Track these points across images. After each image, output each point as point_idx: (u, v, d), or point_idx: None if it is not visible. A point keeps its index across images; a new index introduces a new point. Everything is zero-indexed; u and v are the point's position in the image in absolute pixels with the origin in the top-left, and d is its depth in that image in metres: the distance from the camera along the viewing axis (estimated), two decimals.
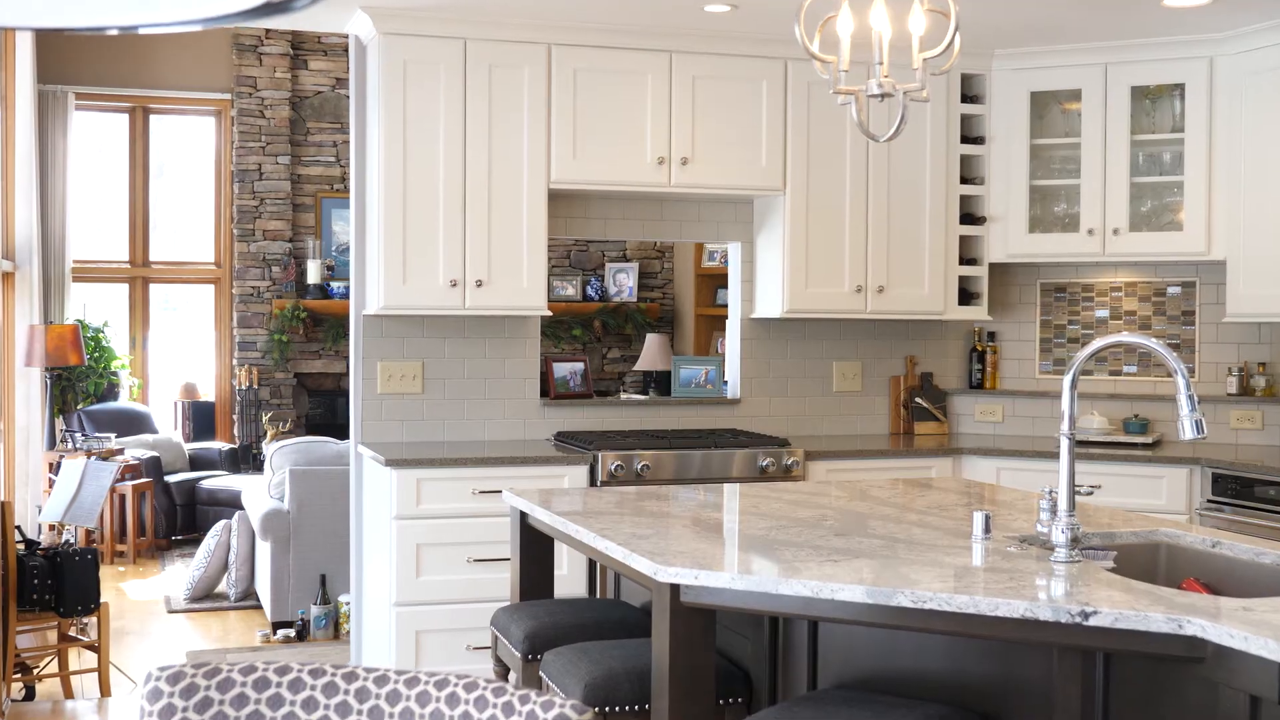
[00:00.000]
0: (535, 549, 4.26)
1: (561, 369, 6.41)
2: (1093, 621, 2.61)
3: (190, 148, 12.06)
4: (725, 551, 3.30)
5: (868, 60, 3.87)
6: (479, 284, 5.78)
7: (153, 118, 11.89)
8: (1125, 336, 3.28)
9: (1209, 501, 5.71)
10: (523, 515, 4.22)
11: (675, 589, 3.07)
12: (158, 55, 11.61)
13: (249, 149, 11.63)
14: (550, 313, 6.02)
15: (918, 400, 6.76)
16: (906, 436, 6.65)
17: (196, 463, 11.15)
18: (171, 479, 10.57)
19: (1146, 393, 6.57)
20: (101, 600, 6.06)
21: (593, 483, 5.60)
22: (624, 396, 6.45)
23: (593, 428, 6.35)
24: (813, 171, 6.25)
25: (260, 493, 8.16)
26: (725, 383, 6.78)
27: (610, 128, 5.95)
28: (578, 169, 5.92)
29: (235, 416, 11.62)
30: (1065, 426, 3.29)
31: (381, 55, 5.68)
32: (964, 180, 6.55)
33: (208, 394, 11.98)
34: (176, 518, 10.52)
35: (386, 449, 5.74)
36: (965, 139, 6.54)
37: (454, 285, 5.76)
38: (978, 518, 3.46)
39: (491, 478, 5.48)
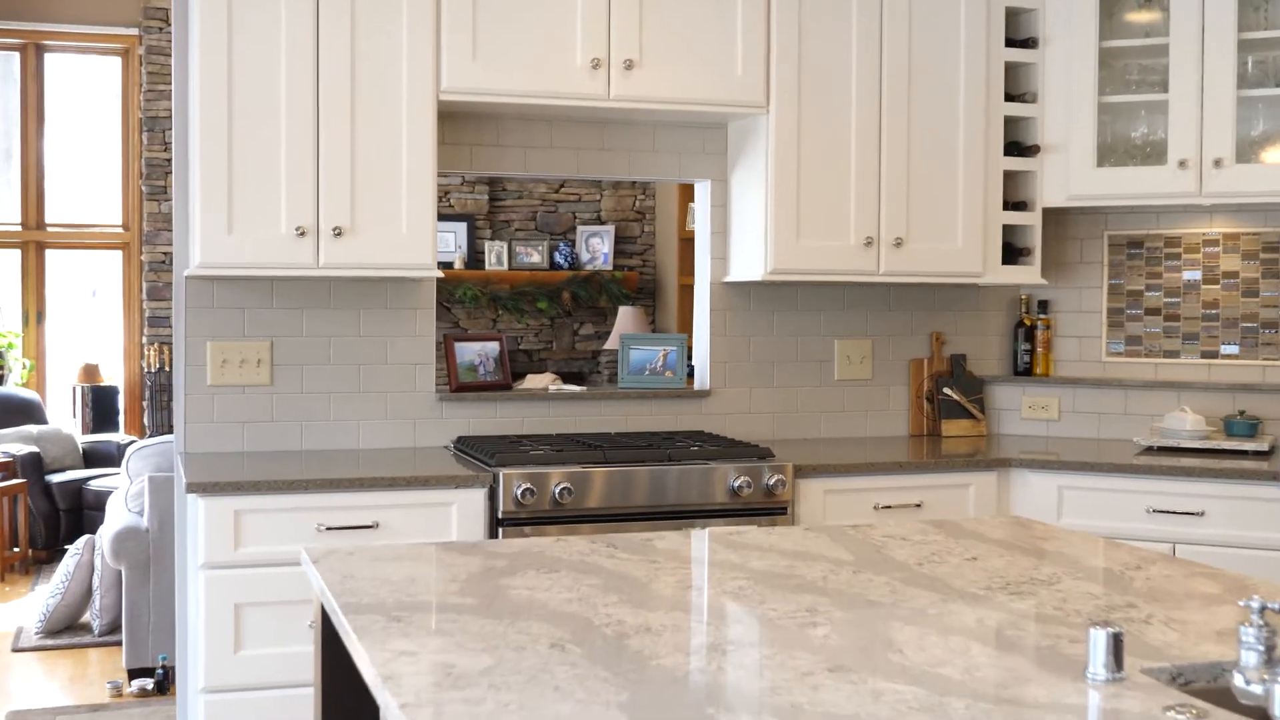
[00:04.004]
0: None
1: (467, 351, 4.76)
2: None
3: (92, 91, 10.49)
4: None
5: None
6: (338, 233, 4.13)
7: (47, 56, 10.38)
8: None
9: None
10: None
11: None
12: None
13: (160, 93, 9.99)
14: (441, 274, 4.37)
15: (946, 391, 5.11)
16: (932, 441, 5.00)
17: (92, 459, 9.55)
18: (56, 479, 8.96)
19: (1253, 381, 4.92)
20: None
21: (492, 515, 3.97)
22: (553, 389, 4.80)
23: (508, 429, 4.71)
24: (807, 82, 4.59)
25: (117, 505, 6.53)
26: (690, 368, 5.13)
27: (525, 17, 4.29)
28: (479, 74, 4.27)
29: (145, 404, 9.99)
30: None
31: None
32: (1010, 97, 4.89)
33: (113, 378, 10.36)
34: (60, 525, 8.90)
35: (213, 465, 4.11)
36: (1012, 41, 4.88)
37: (302, 234, 4.11)
38: (1098, 641, 1.81)
39: (344, 508, 3.84)
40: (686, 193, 9.76)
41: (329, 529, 3.82)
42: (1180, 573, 2.54)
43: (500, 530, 3.92)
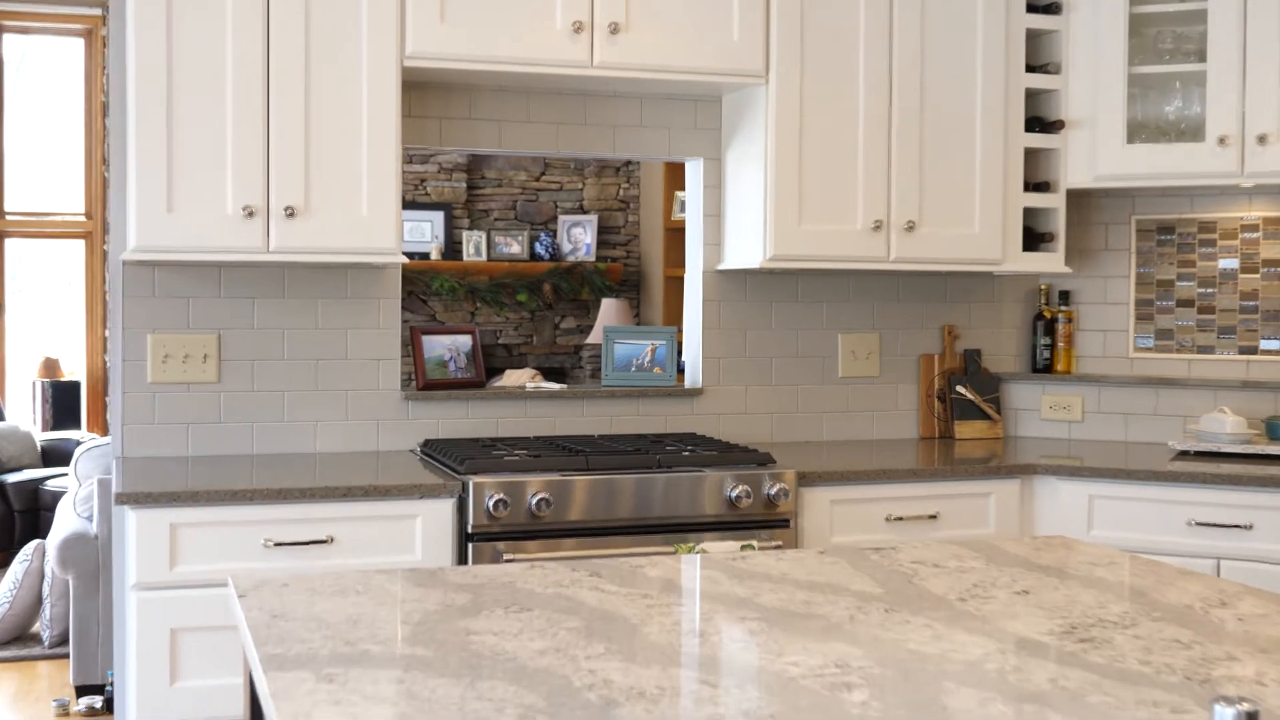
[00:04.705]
0: None
1: (436, 346, 4.33)
2: None
3: (53, 74, 10.01)
4: None
5: None
6: (290, 213, 3.70)
7: (6, 36, 9.91)
8: None
9: None
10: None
11: None
12: None
13: None
14: (406, 259, 3.94)
15: (959, 390, 4.69)
16: (944, 444, 4.59)
17: (52, 457, 9.10)
18: (11, 478, 8.51)
19: None
20: None
21: (461, 529, 3.54)
22: (530, 387, 4.37)
23: (481, 432, 4.28)
24: (811, 50, 4.17)
25: (66, 509, 6.09)
26: (681, 364, 4.70)
27: None
28: (448, 38, 3.83)
29: (109, 400, 9.53)
30: None
31: None
32: (1032, 68, 4.48)
33: (75, 372, 9.90)
34: (14, 527, 8.45)
35: (151, 471, 3.68)
36: (1033, 7, 4.47)
37: (250, 215, 3.67)
38: None
39: (294, 521, 3.41)
40: (672, 181, 9.41)
41: (277, 545, 3.39)
42: (1277, 609, 2.13)
43: (470, 546, 3.50)
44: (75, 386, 9.77)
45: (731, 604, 2.16)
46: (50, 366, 9.78)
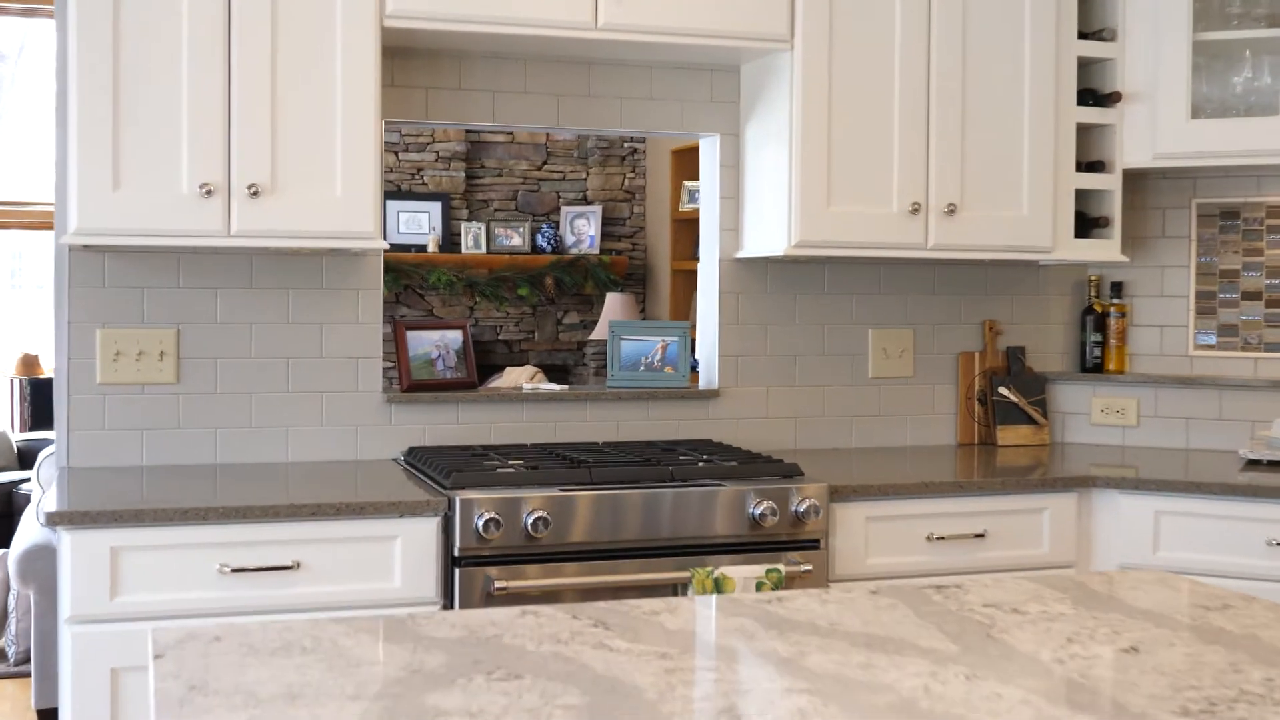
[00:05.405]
0: None
1: (423, 342, 3.89)
2: None
3: (26, 55, 9.60)
4: None
5: None
6: (254, 192, 3.26)
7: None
8: None
9: None
10: None
11: None
12: None
13: None
14: (387, 245, 3.49)
15: (1001, 391, 4.25)
16: (985, 451, 4.15)
17: (29, 459, 8.67)
18: None
19: None
20: None
21: (447, 552, 3.10)
22: (527, 388, 3.93)
23: (472, 438, 3.84)
24: (841, 11, 3.73)
25: (29, 518, 5.67)
26: (695, 362, 4.27)
27: None
28: None
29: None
30: None
31: None
32: (1084, 34, 4.03)
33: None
34: None
35: (98, 485, 3.25)
36: None
37: (208, 194, 3.23)
38: None
39: (256, 543, 2.97)
40: (680, 170, 9.07)
41: (235, 571, 2.95)
42: None
43: (457, 571, 3.06)
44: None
45: (773, 667, 1.72)
46: (29, 364, 9.36)
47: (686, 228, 9.22)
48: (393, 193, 9.12)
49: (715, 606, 2.06)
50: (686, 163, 8.96)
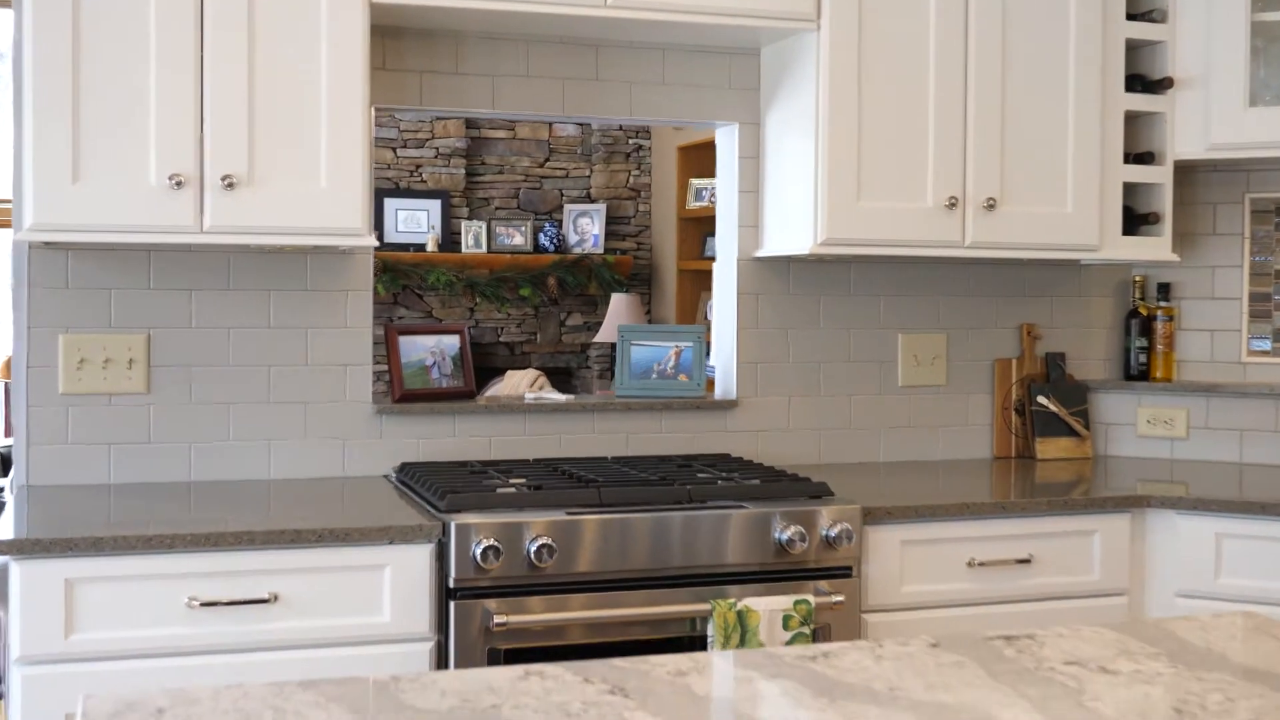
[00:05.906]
0: None
1: (416, 348, 3.58)
2: None
3: None
4: None
5: None
6: (229, 184, 2.95)
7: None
8: None
9: None
10: None
11: None
12: None
13: None
14: (377, 242, 3.18)
15: (1041, 401, 3.95)
16: (1023, 465, 3.85)
17: (9, 466, 8.38)
18: None
19: None
20: None
21: (441, 583, 2.80)
22: (530, 398, 3.63)
23: (470, 453, 3.54)
24: None
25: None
26: (711, 369, 3.96)
27: None
28: None
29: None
30: None
31: None
32: (1133, 15, 3.73)
33: None
34: None
35: (56, 506, 2.95)
36: None
37: (179, 185, 2.93)
38: None
39: (228, 573, 2.67)
40: (687, 167, 8.85)
41: (205, 605, 2.65)
42: None
43: (452, 605, 2.76)
44: None
45: None
46: (7, 366, 9.08)
47: (693, 226, 9.00)
48: (391, 190, 8.87)
49: (750, 665, 1.76)
50: (693, 159, 8.73)
